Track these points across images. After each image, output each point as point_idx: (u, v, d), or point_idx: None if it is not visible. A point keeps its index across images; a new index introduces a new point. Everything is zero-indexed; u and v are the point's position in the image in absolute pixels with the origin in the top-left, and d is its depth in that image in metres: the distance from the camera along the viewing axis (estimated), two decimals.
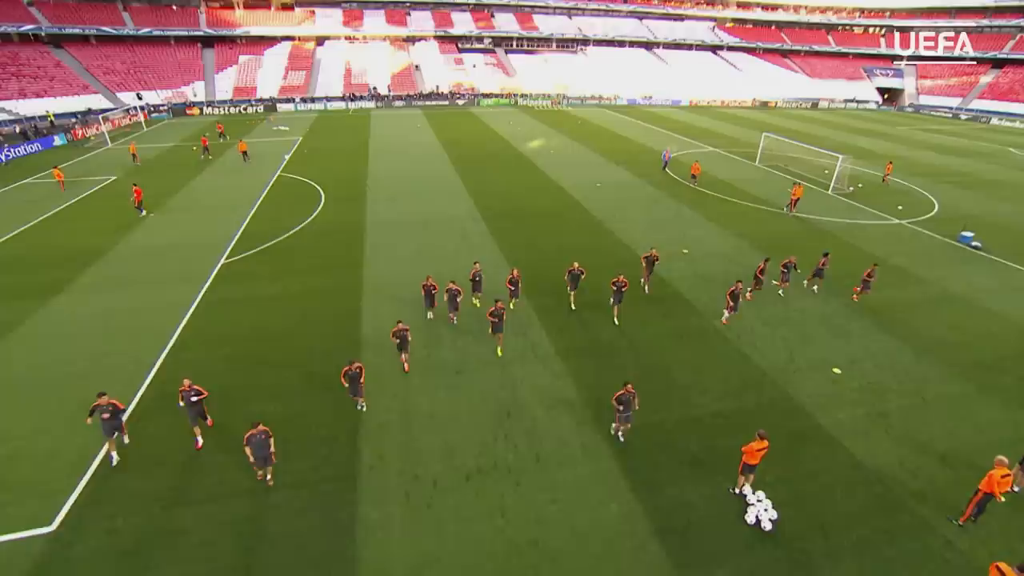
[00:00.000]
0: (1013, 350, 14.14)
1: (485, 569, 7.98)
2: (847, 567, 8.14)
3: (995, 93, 67.68)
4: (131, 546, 8.25)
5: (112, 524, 8.60)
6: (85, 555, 8.10)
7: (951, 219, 24.74)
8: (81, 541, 8.33)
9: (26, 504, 8.88)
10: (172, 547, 8.24)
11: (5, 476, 9.44)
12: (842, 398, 12.01)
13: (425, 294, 14.16)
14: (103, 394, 9.44)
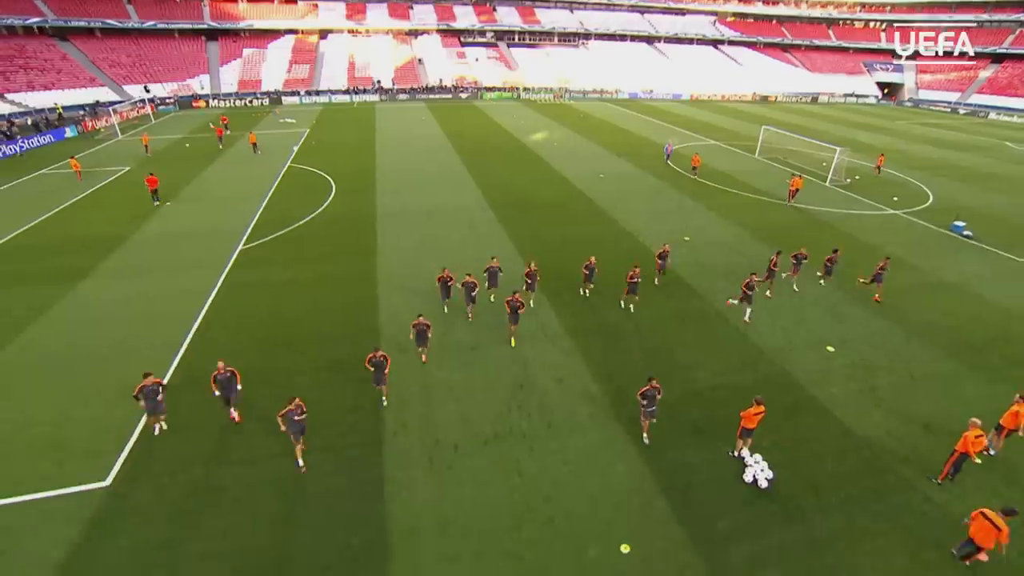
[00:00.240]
0: (999, 332, 14.87)
1: (505, 522, 8.71)
2: (836, 520, 8.89)
3: (994, 88, 68.17)
4: (179, 499, 8.98)
5: (160, 481, 9.32)
6: (139, 506, 8.84)
7: (945, 210, 25.42)
8: (134, 494, 9.06)
9: (81, 463, 9.61)
10: (216, 502, 8.97)
11: (57, 439, 10.15)
12: (835, 374, 12.74)
13: (441, 286, 14.43)
14: (149, 374, 10.03)
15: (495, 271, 14.82)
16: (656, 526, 8.73)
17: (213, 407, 10.84)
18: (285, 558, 8.04)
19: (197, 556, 8.06)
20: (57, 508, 8.79)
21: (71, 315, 14.61)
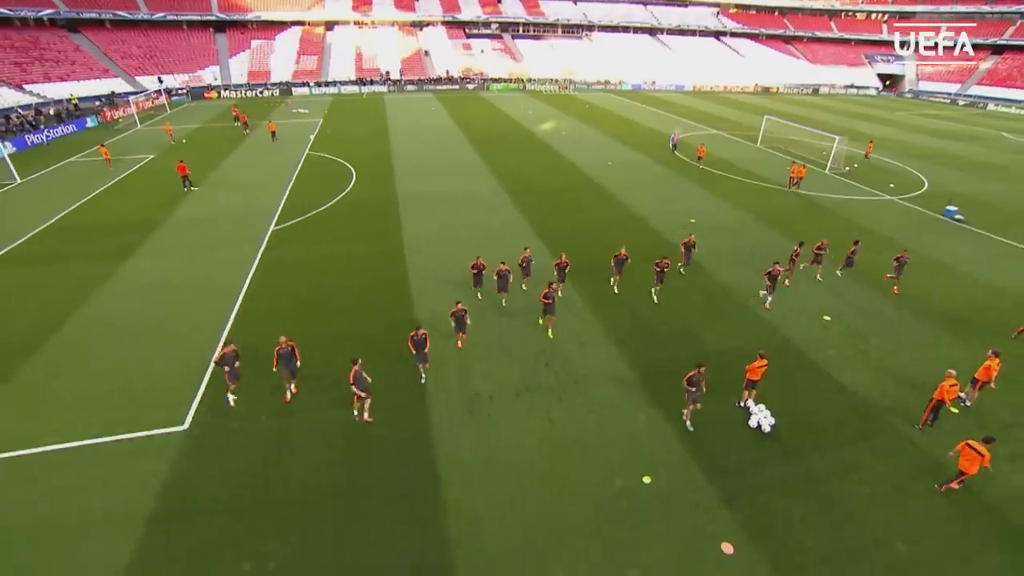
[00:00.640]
0: (981, 304, 16.08)
1: (540, 459, 9.93)
2: (830, 457, 10.13)
3: (993, 79, 68.95)
4: (250, 443, 10.20)
5: (230, 427, 10.54)
6: (215, 447, 10.06)
7: (939, 196, 26.55)
8: (209, 437, 10.28)
9: (158, 411, 10.81)
10: (284, 444, 10.19)
11: (132, 391, 11.37)
12: (831, 340, 13.95)
13: (475, 275, 14.75)
14: (231, 342, 10.98)
15: (528, 261, 15.36)
16: (673, 463, 9.96)
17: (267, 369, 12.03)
18: (357, 490, 9.27)
19: (273, 486, 9.29)
20: (146, 446, 10.01)
21: (124, 288, 15.79)
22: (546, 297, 13.20)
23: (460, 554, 8.14)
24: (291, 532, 8.42)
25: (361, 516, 8.74)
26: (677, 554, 8.25)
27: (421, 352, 11.49)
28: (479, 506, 8.94)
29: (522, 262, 15.36)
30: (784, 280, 16.61)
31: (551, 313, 13.40)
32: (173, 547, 8.13)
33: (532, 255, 15.68)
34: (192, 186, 24.42)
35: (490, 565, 7.99)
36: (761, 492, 9.38)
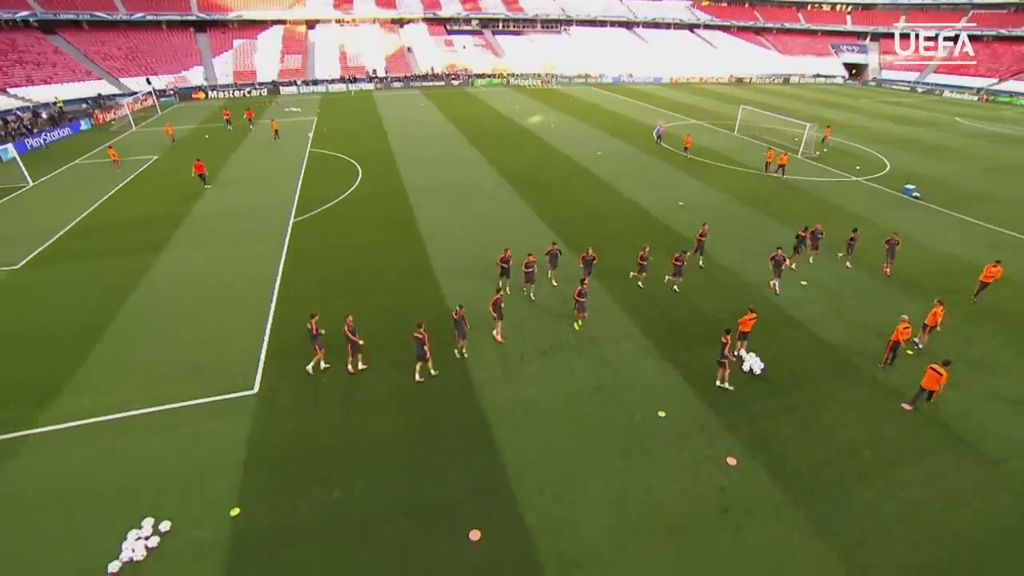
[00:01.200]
0: (934, 268, 18.40)
1: (566, 403, 11.68)
2: (808, 392, 12.12)
3: (948, 67, 72.77)
4: (315, 400, 11.74)
5: (297, 388, 12.06)
6: (285, 405, 11.55)
7: (899, 176, 29.08)
8: (279, 398, 11.77)
9: (228, 379, 12.24)
10: (348, 400, 11.75)
11: (199, 364, 12.75)
12: (808, 300, 16.03)
13: (503, 268, 15.32)
14: (314, 315, 12.20)
15: (556, 254, 15.96)
16: (682, 400, 11.83)
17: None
18: (421, 433, 10.91)
19: (348, 433, 10.87)
20: (226, 407, 11.46)
21: (167, 277, 17.01)
22: (579, 295, 13.78)
23: (512, 476, 9.86)
24: (371, 466, 10.03)
25: (428, 450, 10.40)
26: (693, 466, 10.11)
27: (461, 327, 12.69)
28: (523, 441, 10.67)
29: (549, 254, 16.00)
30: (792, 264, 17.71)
31: (583, 311, 14.11)
32: (272, 484, 9.67)
33: (559, 248, 16.25)
34: (206, 184, 25.41)
35: (539, 483, 9.72)
36: (756, 420, 11.31)
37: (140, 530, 8.57)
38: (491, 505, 9.29)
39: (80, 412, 11.16)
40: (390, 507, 9.21)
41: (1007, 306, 15.82)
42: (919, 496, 9.62)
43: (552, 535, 8.76)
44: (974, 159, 34.23)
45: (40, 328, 14.24)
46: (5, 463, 9.93)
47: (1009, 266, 17.00)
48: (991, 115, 51.83)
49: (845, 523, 9.05)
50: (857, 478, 9.95)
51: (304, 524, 8.90)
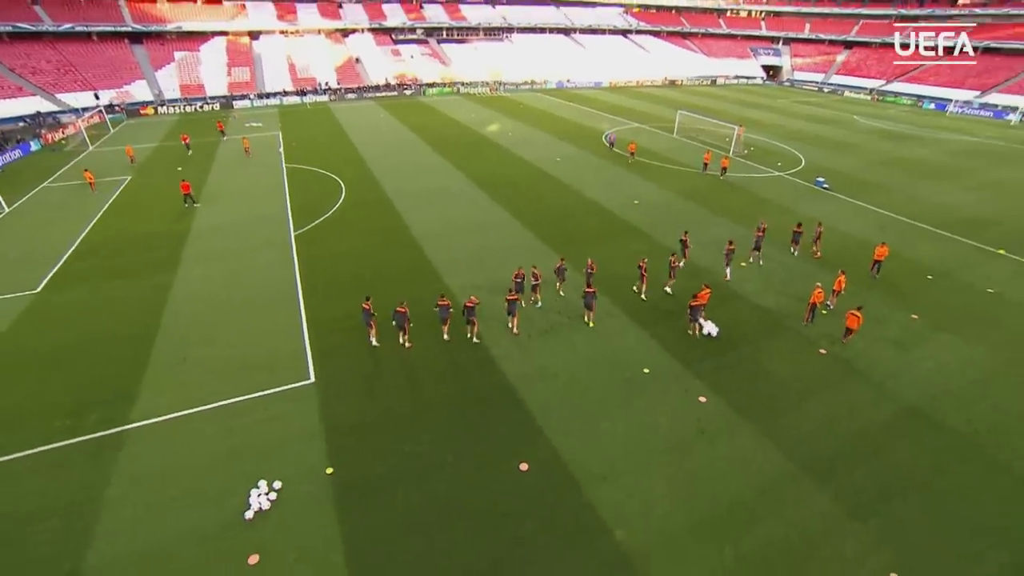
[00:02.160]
0: (840, 246, 22.84)
1: (572, 366, 14.66)
2: (753, 346, 15.72)
3: (847, 69, 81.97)
4: (362, 379, 14.10)
5: (350, 369, 14.36)
6: (343, 387, 13.84)
7: (812, 170, 34.22)
8: (335, 382, 14.03)
9: (284, 372, 14.33)
10: (395, 375, 14.17)
11: (253, 362, 14.72)
12: (747, 278, 19.84)
13: (518, 283, 16.88)
14: (368, 298, 15.11)
15: (562, 269, 18.06)
16: (660, 359, 15.09)
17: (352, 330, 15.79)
18: (460, 397, 13.54)
19: (402, 404, 13.34)
20: (290, 395, 13.59)
21: (191, 290, 18.56)
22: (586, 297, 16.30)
23: (542, 424, 12.72)
24: (429, 425, 12.60)
25: (472, 410, 13.08)
26: (675, 405, 13.37)
27: (471, 315, 15.38)
28: (544, 398, 13.55)
29: (557, 270, 18.08)
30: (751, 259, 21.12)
31: (591, 308, 16.44)
32: (353, 446, 12.03)
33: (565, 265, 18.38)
34: (195, 203, 26.43)
35: (563, 427, 12.63)
36: (716, 369, 14.75)
37: (259, 489, 10.73)
38: (531, 445, 12.11)
39: (164, 408, 12.97)
40: (454, 453, 11.84)
41: (891, 274, 20.25)
42: (832, 412, 13.32)
43: (580, 461, 11.70)
44: (869, 153, 40.28)
45: (92, 341, 15.65)
46: (115, 453, 11.70)
47: (892, 243, 21.68)
48: (881, 113, 59.67)
49: (785, 433, 12.56)
50: (790, 404, 13.55)
51: (387, 473, 11.36)
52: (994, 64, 66.85)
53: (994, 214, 27.66)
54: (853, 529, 10.28)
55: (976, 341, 16.40)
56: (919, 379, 14.63)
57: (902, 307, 18.18)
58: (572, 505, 10.72)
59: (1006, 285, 19.96)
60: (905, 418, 13.27)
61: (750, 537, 10.12)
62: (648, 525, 10.31)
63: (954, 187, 32.18)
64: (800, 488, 11.14)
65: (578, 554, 9.74)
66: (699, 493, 11.02)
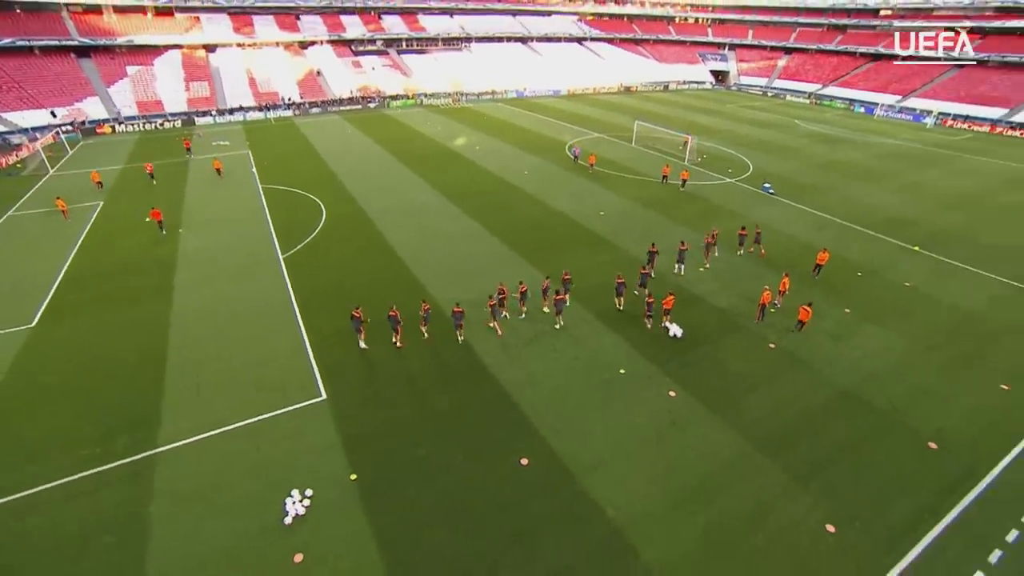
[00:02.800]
0: (785, 248, 25.64)
1: (557, 372, 16.51)
2: (712, 344, 17.99)
3: (788, 74, 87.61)
4: (375, 394, 15.52)
5: (356, 382, 15.73)
6: (351, 402, 15.21)
7: (759, 175, 37.41)
8: (345, 397, 15.40)
9: (296, 392, 15.57)
10: (393, 385, 15.65)
11: (265, 383, 15.89)
12: (705, 281, 22.22)
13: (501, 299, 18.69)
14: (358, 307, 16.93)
15: (547, 288, 19.69)
16: (634, 360, 17.13)
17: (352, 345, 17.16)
18: (463, 404, 15.15)
19: (408, 411, 14.85)
20: (307, 412, 14.87)
21: (193, 314, 19.37)
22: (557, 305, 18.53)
23: (536, 423, 14.51)
24: (436, 430, 14.17)
25: (473, 414, 14.72)
26: (649, 400, 15.41)
27: (459, 320, 17.51)
28: (535, 401, 15.33)
29: (543, 290, 19.72)
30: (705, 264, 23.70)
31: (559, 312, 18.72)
32: (370, 454, 13.47)
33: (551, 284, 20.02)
34: (164, 231, 26.58)
35: (555, 425, 14.45)
36: (682, 366, 16.91)
37: (292, 497, 12.07)
38: (528, 443, 13.87)
39: (188, 431, 14.04)
40: (464, 454, 13.47)
41: (828, 273, 23.03)
42: (779, 397, 15.68)
43: (573, 453, 13.55)
44: (808, 157, 44.08)
45: (102, 370, 16.40)
46: (151, 475, 12.77)
47: (829, 243, 24.63)
48: (819, 117, 64.54)
49: (742, 418, 14.79)
50: (745, 393, 15.83)
51: (404, 475, 12.89)
52: (912, 71, 73.17)
53: (912, 214, 31.31)
54: (797, 493, 12.53)
55: (895, 330, 19.24)
56: (850, 366, 17.22)
57: (837, 303, 20.90)
58: (569, 492, 12.54)
59: (920, 279, 23.11)
60: (838, 399, 15.75)
61: (716, 507, 12.21)
62: (633, 503, 12.25)
63: (880, 189, 35.95)
64: (754, 463, 13.35)
65: (578, 530, 11.58)
66: (673, 474, 13.05)
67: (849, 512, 12.08)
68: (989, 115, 59.91)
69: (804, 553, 11.24)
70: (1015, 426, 14.72)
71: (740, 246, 24.92)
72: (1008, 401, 15.78)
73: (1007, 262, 25.01)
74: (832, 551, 11.29)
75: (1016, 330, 19.46)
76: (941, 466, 13.45)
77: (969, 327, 19.63)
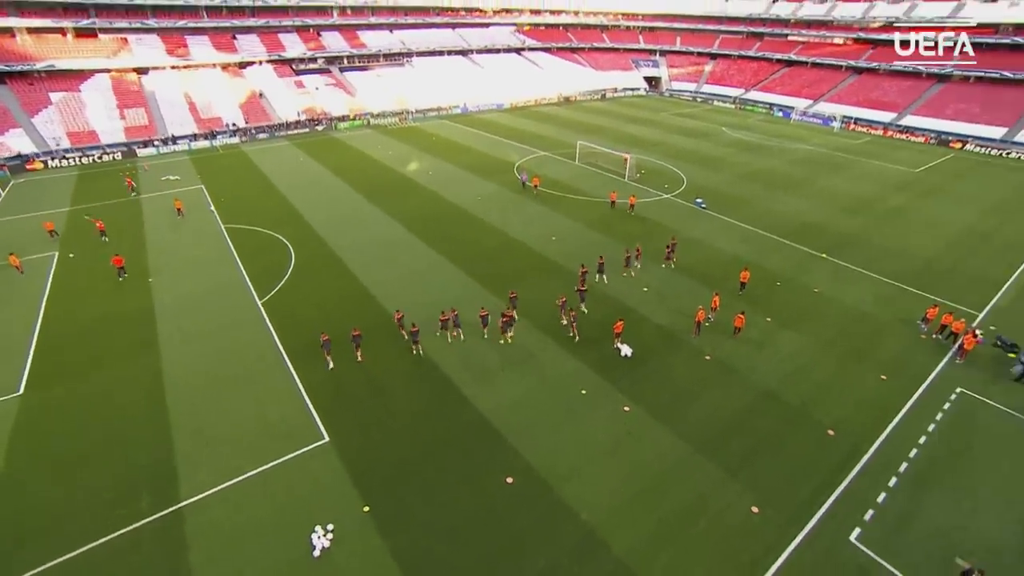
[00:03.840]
0: (716, 263, 29.39)
1: (527, 397, 19.10)
2: (659, 359, 21.15)
3: (714, 79, 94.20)
4: (371, 433, 17.56)
5: (354, 421, 17.69)
6: (352, 440, 17.20)
7: (692, 189, 41.47)
8: (345, 437, 17.35)
9: (301, 435, 17.38)
10: (388, 421, 17.75)
11: (270, 430, 17.60)
12: (648, 301, 25.46)
13: (450, 318, 21.72)
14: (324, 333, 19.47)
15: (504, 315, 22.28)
16: (592, 380, 19.98)
17: (344, 385, 19.09)
18: (449, 434, 17.46)
19: (405, 442, 17.03)
20: (314, 454, 16.74)
21: (184, 369, 20.57)
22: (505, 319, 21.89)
23: (515, 443, 17.05)
24: (434, 458, 16.44)
25: (460, 444, 17.07)
26: (608, 415, 18.30)
27: (416, 336, 20.57)
28: (512, 423, 17.87)
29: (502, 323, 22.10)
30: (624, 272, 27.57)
31: (508, 330, 21.86)
32: (377, 487, 15.57)
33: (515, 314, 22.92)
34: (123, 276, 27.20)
35: (532, 443, 17.04)
36: (633, 383, 19.93)
37: (316, 533, 14.04)
38: (510, 461, 16.40)
39: (207, 483, 15.62)
40: (457, 478, 15.83)
41: (752, 285, 26.69)
42: (715, 402, 18.98)
43: (549, 467, 16.21)
44: (734, 166, 48.86)
45: (107, 432, 17.54)
46: (181, 526, 14.36)
47: (752, 255, 28.60)
48: (742, 123, 70.39)
49: (684, 424, 17.94)
50: (687, 401, 19.03)
51: (410, 501, 15.12)
52: (820, 76, 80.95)
53: (821, 219, 36.13)
54: (729, 483, 15.75)
55: (805, 333, 23.14)
56: (770, 369, 20.82)
57: (760, 312, 24.60)
58: (548, 501, 15.20)
59: (826, 285, 27.38)
60: (761, 399, 19.24)
61: (667, 501, 15.22)
62: (601, 505, 15.06)
63: (795, 196, 40.85)
64: (695, 463, 16.49)
65: (559, 533, 14.24)
66: (632, 476, 15.98)
67: (768, 495, 15.39)
68: (882, 119, 67.66)
69: (736, 532, 14.41)
70: (888, 411, 18.67)
71: (667, 260, 28.79)
72: (884, 389, 19.82)
73: (891, 262, 29.86)
74: (756, 528, 14.51)
75: (893, 325, 23.85)
76: (836, 449, 17.08)
77: (860, 326, 23.83)
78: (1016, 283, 28.12)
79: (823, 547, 13.98)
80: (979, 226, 36.12)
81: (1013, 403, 19.09)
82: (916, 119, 65.84)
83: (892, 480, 15.93)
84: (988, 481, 16.04)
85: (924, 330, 23.20)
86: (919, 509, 15.05)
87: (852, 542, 14.08)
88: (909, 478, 16.02)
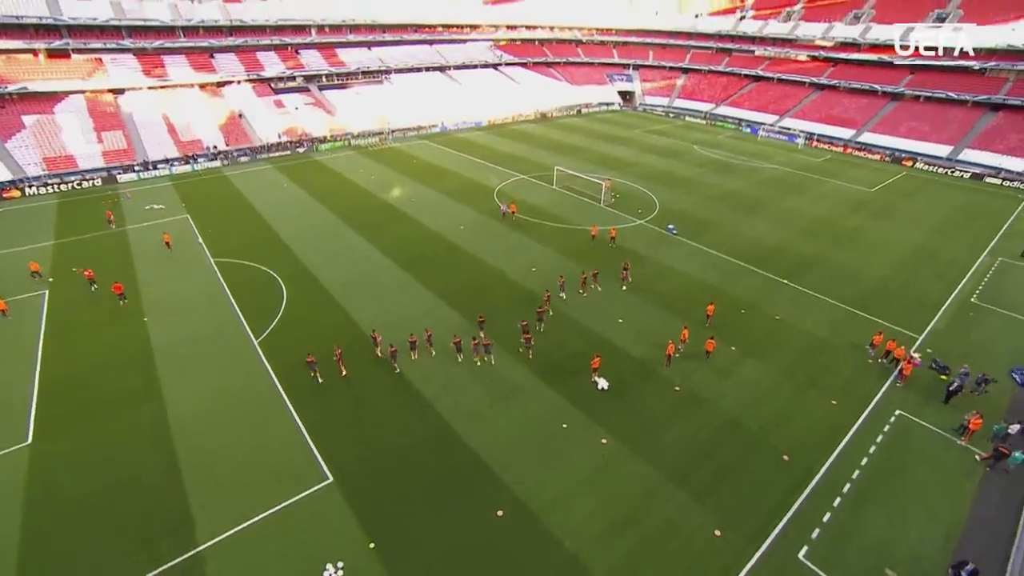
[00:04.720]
0: (685, 290, 31.57)
1: (513, 431, 20.79)
2: (634, 391, 23.07)
3: (686, 93, 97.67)
4: (372, 472, 19.03)
5: (354, 461, 19.13)
6: (354, 480, 18.65)
7: (665, 214, 43.74)
8: (348, 477, 18.80)
9: (306, 478, 18.75)
10: (385, 460, 19.25)
11: (276, 472, 18.91)
12: (622, 333, 27.42)
13: (419, 341, 24.25)
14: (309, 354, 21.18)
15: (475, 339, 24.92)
16: (572, 414, 21.79)
17: (342, 426, 20.53)
18: (442, 473, 19.05)
19: (403, 479, 18.56)
20: (320, 495, 18.12)
21: (189, 414, 21.64)
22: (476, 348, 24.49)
23: (504, 478, 18.73)
24: (430, 496, 18.01)
25: (453, 485, 18.68)
26: (586, 447, 20.12)
27: (394, 356, 22.77)
28: (500, 458, 19.55)
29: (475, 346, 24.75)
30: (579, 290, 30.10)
31: (487, 353, 24.33)
32: (380, 523, 17.07)
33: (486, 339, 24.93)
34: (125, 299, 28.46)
35: (518, 478, 18.74)
36: (610, 414, 21.82)
37: (328, 571, 15.49)
38: (500, 495, 18.08)
39: (222, 527, 16.90)
40: (454, 510, 17.45)
41: (719, 314, 28.82)
42: (684, 431, 20.99)
43: (534, 498, 17.94)
44: (704, 188, 51.43)
45: (119, 479, 18.62)
46: (203, 569, 15.64)
47: (719, 282, 30.96)
48: (712, 140, 73.43)
49: (656, 453, 19.87)
50: (659, 431, 20.99)
51: (410, 536, 16.68)
52: (785, 92, 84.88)
53: (782, 242, 38.75)
54: (696, 509, 17.73)
55: (767, 360, 25.38)
56: (734, 398, 22.94)
57: (726, 341, 26.66)
58: (535, 531, 16.94)
59: (786, 311, 29.78)
60: (726, 427, 21.32)
61: (642, 526, 17.12)
62: (583, 531, 16.87)
63: (759, 219, 43.49)
64: (666, 490, 18.45)
65: (546, 560, 16.01)
66: (610, 504, 17.84)
67: (729, 518, 17.41)
68: (842, 135, 71.57)
69: (701, 553, 16.37)
70: (836, 435, 20.96)
71: (624, 280, 31.60)
72: (834, 413, 22.13)
73: (844, 286, 32.52)
74: (719, 549, 16.50)
75: (845, 350, 26.31)
76: (790, 473, 19.23)
77: (815, 353, 26.19)
78: (953, 303, 31.01)
79: (775, 565, 16.03)
80: (926, 245, 39.22)
81: (941, 423, 21.59)
82: (873, 136, 69.86)
83: (836, 500, 18.12)
84: (917, 497, 18.38)
85: (871, 355, 25.67)
86: (858, 526, 17.24)
87: (800, 559, 16.16)
88: (851, 497, 18.24)
